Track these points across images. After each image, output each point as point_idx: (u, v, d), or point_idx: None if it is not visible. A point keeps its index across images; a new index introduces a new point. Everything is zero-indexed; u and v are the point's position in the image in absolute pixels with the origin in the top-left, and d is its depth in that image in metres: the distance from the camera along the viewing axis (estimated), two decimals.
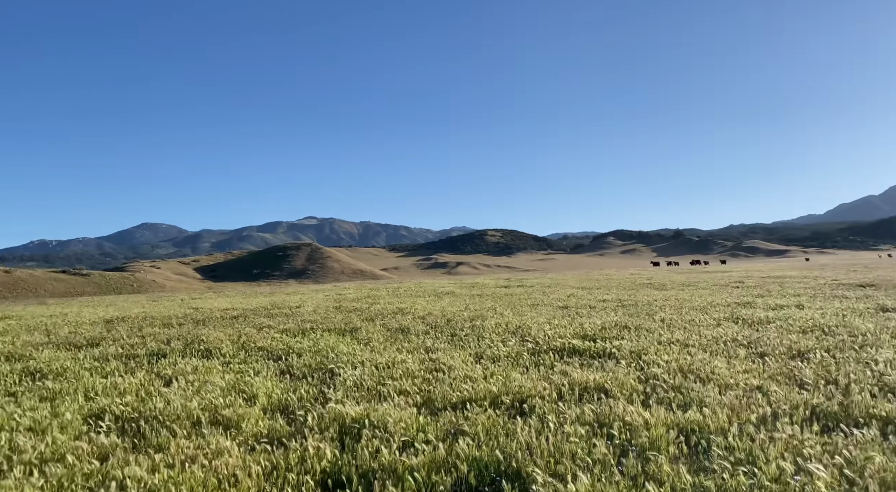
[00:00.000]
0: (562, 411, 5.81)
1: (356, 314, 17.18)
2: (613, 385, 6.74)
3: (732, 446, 4.56)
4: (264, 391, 7.42)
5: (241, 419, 6.21)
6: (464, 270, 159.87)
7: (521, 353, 9.34)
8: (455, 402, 6.50)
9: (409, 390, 7.10)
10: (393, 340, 11.57)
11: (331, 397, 7.02)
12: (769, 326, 11.36)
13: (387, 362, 8.98)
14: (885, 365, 7.07)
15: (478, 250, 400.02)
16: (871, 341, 8.93)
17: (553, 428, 5.24)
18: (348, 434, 5.60)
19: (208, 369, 9.18)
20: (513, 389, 6.80)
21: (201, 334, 13.09)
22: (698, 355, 8.44)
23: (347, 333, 13.02)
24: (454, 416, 5.88)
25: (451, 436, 5.30)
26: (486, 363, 8.66)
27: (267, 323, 15.58)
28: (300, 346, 11.03)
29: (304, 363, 9.27)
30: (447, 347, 10.22)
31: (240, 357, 10.28)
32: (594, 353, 9.21)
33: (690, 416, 5.34)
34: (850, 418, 5.22)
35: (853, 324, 10.92)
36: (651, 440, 4.81)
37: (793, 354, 8.35)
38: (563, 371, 7.75)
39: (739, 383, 6.67)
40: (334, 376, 8.29)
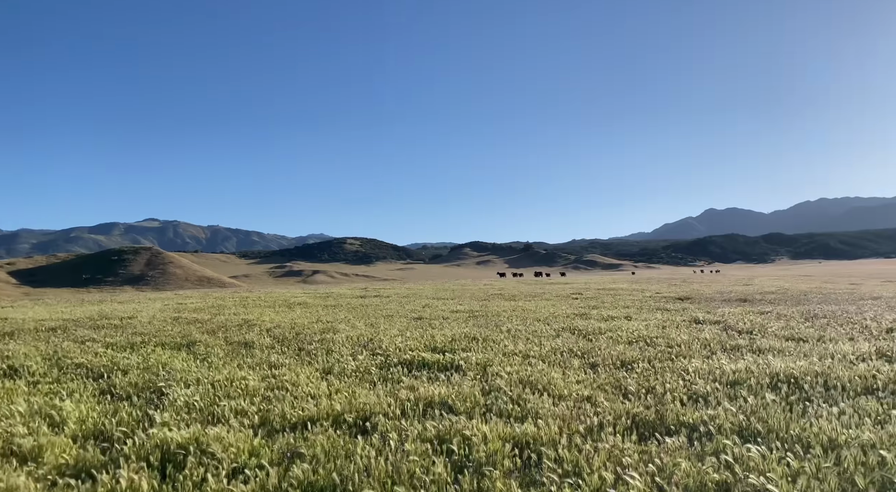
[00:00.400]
0: (404, 428, 5.77)
1: (196, 326, 16.03)
2: (457, 399, 6.83)
3: (562, 458, 4.78)
4: (77, 415, 6.63)
5: (44, 449, 5.47)
6: (320, 278, 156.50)
7: (370, 367, 9.22)
8: (295, 422, 6.23)
9: (247, 410, 6.69)
10: (234, 355, 10.91)
11: (156, 419, 6.42)
12: (601, 337, 12.24)
13: (225, 380, 8.42)
14: (695, 374, 7.88)
15: (336, 259, 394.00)
16: (685, 352, 9.94)
17: (394, 447, 5.17)
18: (172, 462, 5.13)
19: (10, 390, 8.04)
20: (357, 406, 6.66)
21: (5, 350, 11.46)
22: (538, 366, 8.86)
23: (184, 347, 12.08)
24: (293, 437, 5.62)
25: (287, 459, 5.04)
26: (332, 379, 8.42)
27: (91, 336, 14.03)
28: (127, 362, 10.04)
29: (130, 382, 8.44)
30: (293, 363, 9.83)
31: (52, 376, 9.14)
32: (442, 365, 9.33)
33: (526, 428, 5.54)
34: (663, 425, 5.72)
35: (671, 335, 12.10)
36: (488, 455, 4.91)
37: (619, 364, 9.04)
38: (411, 386, 7.74)
39: (572, 393, 7.07)
40: (163, 396, 7.62)
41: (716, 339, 11.39)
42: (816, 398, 6.58)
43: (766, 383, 7.32)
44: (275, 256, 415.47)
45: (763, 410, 6.04)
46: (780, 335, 11.88)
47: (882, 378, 7.39)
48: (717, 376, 7.78)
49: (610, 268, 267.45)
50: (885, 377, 7.43)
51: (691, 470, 4.33)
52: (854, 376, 7.51)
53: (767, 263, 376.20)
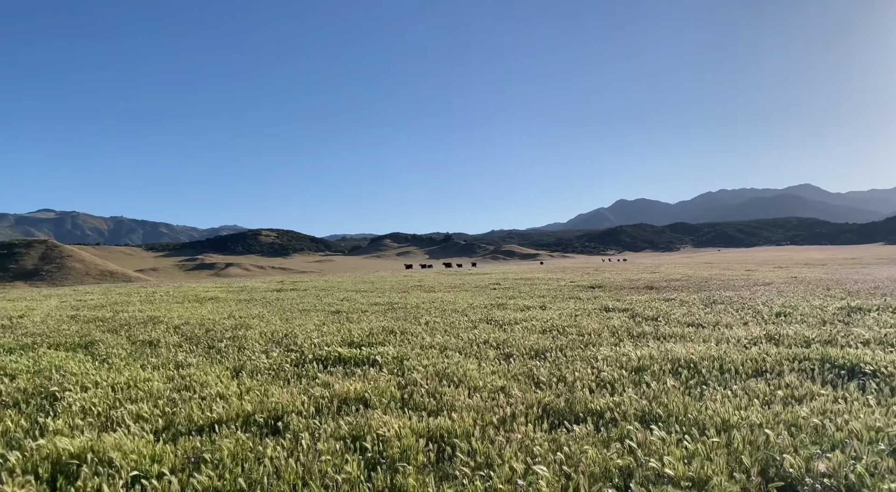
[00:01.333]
0: (317, 427, 5.66)
1: (97, 324, 15.09)
2: (373, 394, 6.78)
3: (475, 450, 4.84)
4: None
5: None
6: (234, 271, 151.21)
7: (284, 364, 8.98)
8: (202, 425, 5.97)
9: (149, 414, 6.35)
10: (138, 354, 10.35)
11: (48, 427, 5.98)
12: (516, 327, 12.51)
13: (126, 382, 7.97)
14: (603, 362, 8.21)
15: (251, 251, 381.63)
16: (595, 340, 10.34)
17: (306, 447, 5.05)
18: (63, 473, 4.79)
19: None
20: (269, 405, 6.47)
21: None
22: (454, 358, 8.94)
23: (81, 348, 11.34)
24: (199, 441, 5.38)
25: (190, 465, 4.82)
26: (244, 378, 8.14)
27: None
28: (16, 366, 9.32)
29: (18, 387, 7.84)
30: (202, 362, 9.43)
31: None
32: (359, 360, 9.23)
33: (441, 422, 5.57)
34: (573, 413, 5.91)
35: (582, 324, 12.54)
36: (402, 451, 4.89)
37: (533, 353, 9.27)
38: (326, 382, 7.61)
39: (487, 384, 7.18)
40: (57, 401, 7.11)
41: (624, 326, 11.91)
42: (712, 382, 7.01)
43: (668, 369, 7.72)
44: (185, 249, 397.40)
45: (664, 395, 6.36)
46: (683, 322, 12.58)
47: (770, 361, 7.97)
48: (623, 363, 8.14)
49: (528, 258, 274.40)
50: (773, 360, 8.02)
51: (597, 457, 4.50)
52: (746, 360, 8.06)
53: (673, 252, 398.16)
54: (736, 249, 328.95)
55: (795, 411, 5.57)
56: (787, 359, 8.05)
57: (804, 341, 9.60)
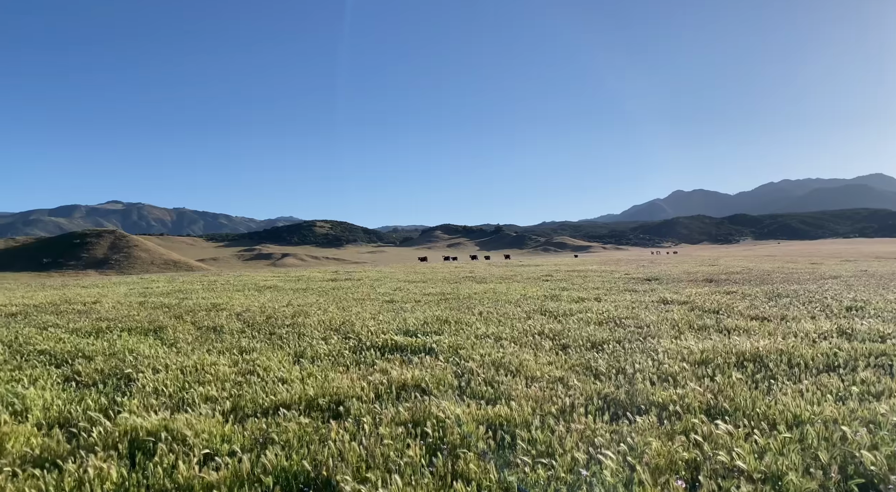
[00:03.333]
0: (378, 412, 5.76)
1: (164, 311, 15.75)
2: (431, 382, 6.84)
3: (535, 439, 4.83)
4: (41, 403, 6.45)
5: (7, 439, 5.31)
6: (290, 262, 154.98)
7: (343, 351, 9.17)
8: (267, 407, 6.16)
9: (217, 395, 6.60)
10: (204, 339, 10.75)
11: (124, 406, 6.29)
12: (571, 318, 12.38)
13: (194, 365, 8.29)
14: (664, 354, 8.03)
15: (305, 242, 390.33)
16: (654, 332, 10.12)
17: (368, 431, 5.15)
18: (141, 449, 5.04)
19: None
20: (330, 390, 6.62)
21: None
22: (510, 348, 8.92)
23: (151, 332, 11.86)
24: (265, 423, 5.56)
25: (259, 445, 4.99)
26: (305, 364, 8.35)
27: (54, 321, 13.68)
28: (93, 348, 9.81)
29: (96, 368, 8.25)
30: (264, 347, 9.72)
31: (13, 363, 8.88)
32: (415, 348, 9.33)
33: (499, 410, 5.58)
34: (634, 405, 5.81)
35: (640, 316, 12.30)
36: (462, 437, 4.93)
37: (590, 345, 9.16)
38: (384, 369, 7.73)
39: (544, 375, 7.14)
40: (131, 382, 7.47)
41: (683, 319, 11.62)
42: (781, 376, 6.76)
43: (733, 362, 7.50)
44: (243, 239, 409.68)
45: (730, 388, 6.18)
46: (746, 315, 12.17)
47: (843, 355, 7.63)
48: (685, 355, 7.94)
49: (580, 249, 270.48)
50: (846, 355, 7.67)
51: (662, 449, 4.41)
52: (816, 354, 7.74)
53: (732, 244, 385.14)
54: (799, 242, 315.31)
55: (873, 408, 5.31)
56: (861, 355, 7.68)
57: (879, 337, 9.14)
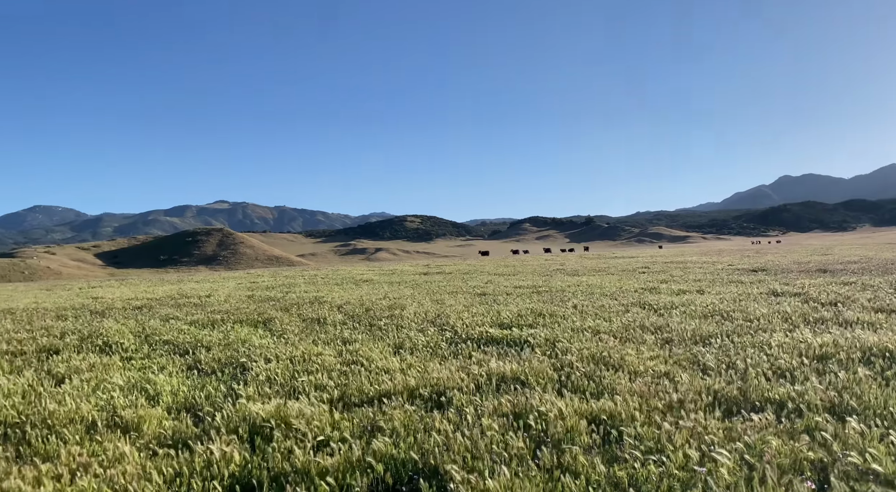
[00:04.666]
0: (479, 403, 5.81)
1: (270, 304, 16.64)
2: (530, 375, 6.82)
3: (642, 435, 4.71)
4: (169, 389, 7.00)
5: (143, 421, 5.82)
6: (383, 256, 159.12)
7: (440, 343, 9.32)
8: (372, 396, 6.38)
9: (326, 384, 6.90)
10: (309, 331, 11.26)
11: (241, 393, 6.71)
12: (673, 311, 11.92)
13: (302, 355, 8.71)
14: (778, 349, 7.57)
15: (397, 236, 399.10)
16: (765, 326, 9.56)
17: (471, 421, 5.22)
18: (259, 434, 5.36)
19: (107, 365, 8.58)
20: (431, 381, 6.75)
21: (100, 327, 12.24)
22: (609, 342, 8.72)
23: (261, 324, 12.57)
24: (371, 411, 5.76)
25: (367, 433, 5.18)
26: (404, 354, 8.57)
27: (174, 314, 14.80)
28: (210, 339, 10.52)
29: (214, 358, 8.85)
30: (365, 339, 10.05)
31: (143, 352, 9.70)
32: (510, 341, 9.32)
33: (603, 404, 5.48)
34: (748, 402, 5.52)
35: (748, 309, 11.64)
36: (566, 431, 4.88)
37: (696, 339, 8.78)
38: (481, 361, 7.79)
39: (648, 369, 6.93)
40: (246, 371, 7.95)
41: (797, 312, 10.89)
42: None
43: (858, 358, 6.95)
44: (339, 235, 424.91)
45: (856, 385, 5.74)
46: (869, 307, 11.23)
47: None
48: (802, 350, 7.44)
49: (677, 240, 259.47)
50: None
51: (783, 448, 4.17)
52: None
53: (847, 232, 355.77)
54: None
55: None
56: None
57: None
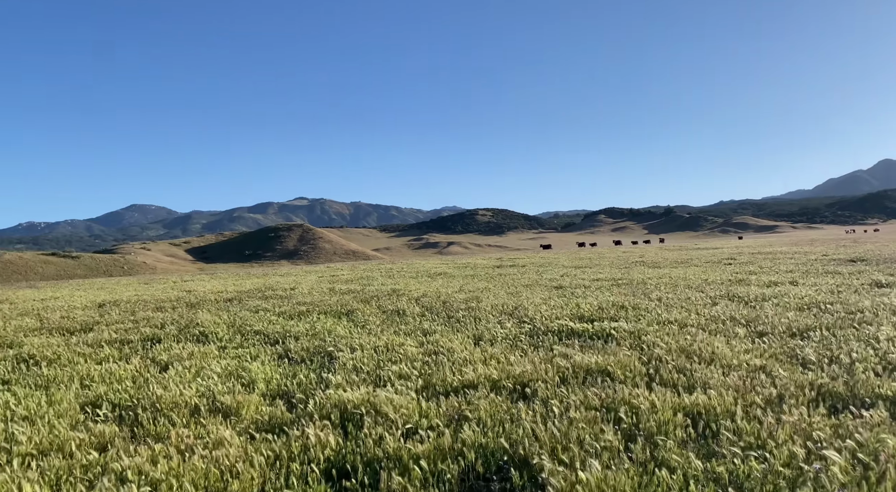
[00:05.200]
0: (565, 396, 5.75)
1: (351, 296, 17.09)
2: (616, 368, 6.69)
3: (741, 430, 4.52)
4: (263, 377, 7.32)
5: (241, 406, 6.12)
6: (455, 250, 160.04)
7: (519, 335, 9.29)
8: (456, 386, 6.44)
9: (410, 374, 7.03)
10: (389, 322, 11.49)
11: (330, 381, 6.94)
12: (765, 303, 11.36)
13: (385, 345, 8.90)
14: (888, 343, 7.06)
15: (468, 230, 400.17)
16: (870, 318, 8.94)
17: (558, 413, 5.18)
18: (350, 421, 5.53)
19: (204, 354, 9.07)
20: (513, 372, 6.74)
21: (196, 318, 12.96)
22: (698, 335, 8.41)
23: (343, 315, 12.93)
24: (456, 401, 5.82)
25: (454, 422, 5.24)
26: (484, 346, 8.60)
27: (262, 306, 15.46)
28: (297, 329, 10.93)
29: (302, 347, 9.18)
30: (444, 330, 10.15)
31: (236, 341, 10.18)
32: (593, 334, 9.16)
33: (696, 399, 5.30)
34: (856, 398, 5.19)
35: (849, 300, 10.93)
36: (658, 425, 4.76)
37: (792, 332, 8.33)
38: (564, 354, 7.70)
39: (742, 363, 6.64)
40: (333, 360, 8.20)
41: None
42: None
43: None
44: (412, 229, 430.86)
45: None
46: None
47: None
48: None
49: (763, 230, 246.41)
50: None
51: None
52: None
53: None
54: None
55: None
56: None
57: None
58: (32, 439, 5.21)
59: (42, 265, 71.92)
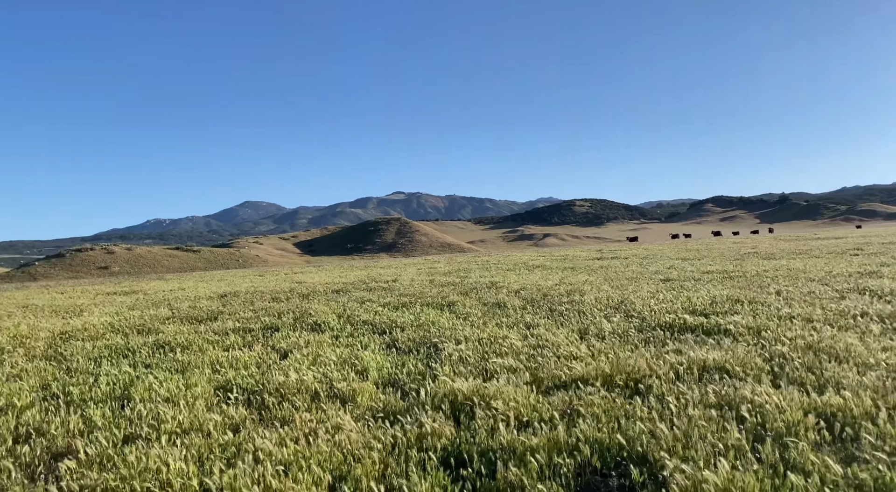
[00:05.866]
0: (682, 393, 5.55)
1: (450, 288, 17.33)
2: (735, 365, 6.37)
3: (885, 434, 4.18)
4: (374, 365, 7.60)
5: (356, 393, 6.38)
6: (551, 242, 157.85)
7: (629, 330, 9.05)
8: (565, 380, 6.39)
9: (516, 367, 7.05)
10: (491, 314, 11.55)
11: (438, 372, 7.09)
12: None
13: (488, 338, 8.97)
14: None
15: (565, 221, 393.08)
16: None
17: (675, 410, 5.01)
18: (461, 411, 5.63)
19: (319, 342, 9.54)
20: (625, 368, 6.59)
21: (309, 308, 13.65)
22: (825, 332, 7.83)
23: (445, 307, 13.14)
24: (567, 395, 5.77)
25: (567, 416, 5.21)
26: (591, 340, 8.46)
27: (368, 297, 16.02)
28: (402, 320, 11.23)
29: (408, 338, 9.44)
30: (548, 323, 10.07)
31: (347, 331, 10.62)
32: (707, 329, 8.77)
33: (829, 399, 4.95)
34: None
35: None
36: (787, 425, 4.49)
37: None
38: (677, 349, 7.43)
39: (880, 362, 6.12)
40: (439, 351, 8.37)
41: None
42: None
43: None
44: (507, 222, 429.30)
45: None
46: None
47: None
48: None
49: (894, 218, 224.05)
50: None
51: None
52: None
53: None
54: None
55: None
56: None
57: None
58: (176, 418, 5.72)
59: (168, 259, 78.47)
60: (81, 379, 7.72)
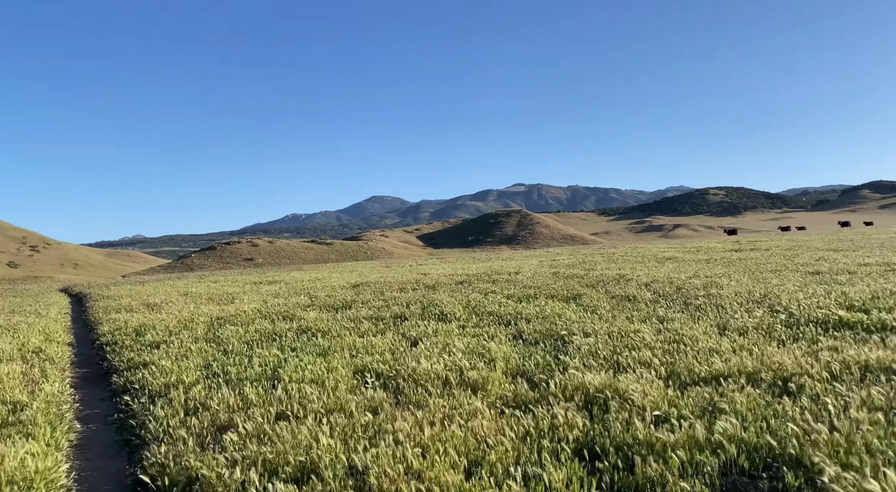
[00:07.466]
0: (841, 394, 5.09)
1: (575, 280, 17.02)
2: None
3: None
4: (502, 356, 7.68)
5: (486, 382, 6.50)
6: (682, 232, 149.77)
7: (774, 325, 8.42)
8: (704, 376, 6.09)
9: (650, 361, 6.81)
10: (620, 308, 11.22)
11: (567, 364, 7.02)
12: None
13: (619, 331, 8.72)
14: None
15: (697, 211, 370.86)
16: None
17: (834, 412, 4.61)
18: (594, 404, 5.55)
19: (447, 331, 9.79)
20: (771, 365, 6.15)
21: (434, 299, 14.02)
22: None
23: (571, 299, 12.94)
24: (707, 392, 5.50)
25: (707, 413, 4.96)
26: (732, 335, 7.97)
27: (491, 288, 16.16)
28: (527, 311, 11.23)
29: (534, 329, 9.41)
30: (683, 318, 9.61)
31: (472, 321, 10.79)
32: (867, 326, 7.95)
33: None
34: None
35: None
36: None
37: None
38: (832, 347, 6.81)
39: None
40: (566, 344, 8.27)
41: None
42: None
43: None
44: (633, 212, 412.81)
45: None
46: None
47: None
48: None
49: None
50: None
51: None
52: None
53: None
54: None
55: None
56: None
57: None
58: (321, 398, 6.15)
59: (304, 251, 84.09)
60: (237, 360, 8.51)
